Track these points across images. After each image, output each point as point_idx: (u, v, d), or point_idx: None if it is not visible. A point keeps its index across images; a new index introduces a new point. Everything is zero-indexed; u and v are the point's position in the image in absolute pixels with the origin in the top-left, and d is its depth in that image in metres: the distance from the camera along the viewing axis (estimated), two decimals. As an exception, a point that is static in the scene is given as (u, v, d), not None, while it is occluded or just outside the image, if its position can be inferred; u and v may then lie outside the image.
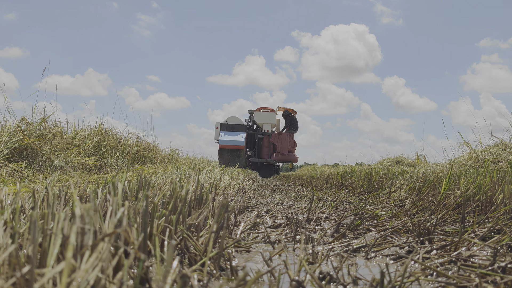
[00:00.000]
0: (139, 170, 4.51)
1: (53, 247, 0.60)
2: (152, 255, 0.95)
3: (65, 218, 0.63)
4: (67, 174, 4.25)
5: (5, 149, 4.07)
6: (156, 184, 2.60)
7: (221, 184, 3.77)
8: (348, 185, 5.16)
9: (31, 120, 5.54)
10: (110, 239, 0.61)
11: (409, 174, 3.92)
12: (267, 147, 18.58)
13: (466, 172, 2.97)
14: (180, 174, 3.75)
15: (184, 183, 2.56)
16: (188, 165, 9.39)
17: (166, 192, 1.57)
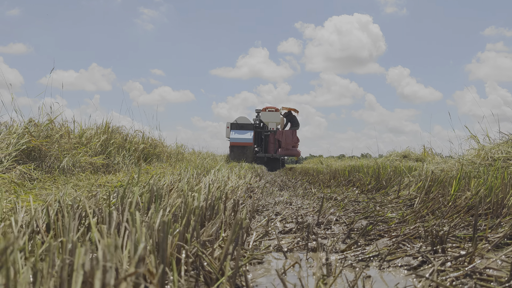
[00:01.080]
0: (146, 170, 4.52)
1: (75, 285, 0.60)
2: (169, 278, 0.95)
3: (85, 252, 0.63)
4: (76, 175, 4.27)
5: (13, 151, 4.09)
6: (166, 190, 2.60)
7: (229, 183, 3.77)
8: (356, 182, 5.15)
9: (38, 121, 5.57)
10: (132, 278, 0.61)
11: (418, 171, 3.91)
12: (272, 143, 20.81)
13: (476, 171, 2.96)
14: (188, 175, 3.75)
15: (193, 188, 2.56)
16: (194, 161, 9.42)
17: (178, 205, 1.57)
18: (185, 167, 4.27)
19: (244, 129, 19.98)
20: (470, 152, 3.65)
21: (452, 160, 4.43)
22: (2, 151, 4.09)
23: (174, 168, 5.20)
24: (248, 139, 19.48)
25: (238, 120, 20.14)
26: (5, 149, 4.11)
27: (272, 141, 20.82)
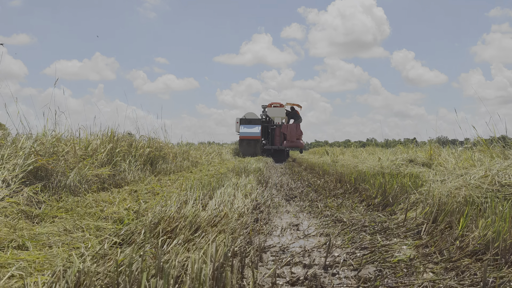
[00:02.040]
0: (152, 188, 4.51)
1: None
2: None
3: None
4: (82, 195, 4.28)
5: (20, 173, 4.10)
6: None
7: (234, 204, 3.77)
8: (362, 191, 5.14)
9: (45, 132, 5.59)
10: None
11: (424, 188, 3.88)
12: (278, 136, 22.97)
13: (483, 198, 2.93)
14: (195, 196, 3.75)
15: (199, 217, 2.56)
16: (200, 161, 9.42)
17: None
18: (191, 186, 4.26)
19: (252, 123, 22.18)
20: (477, 171, 3.61)
21: (458, 171, 4.40)
22: (9, 172, 4.10)
23: (180, 180, 5.19)
24: (256, 133, 21.61)
25: (247, 116, 22.43)
26: (12, 171, 4.13)
27: (278, 134, 22.90)
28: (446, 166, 7.96)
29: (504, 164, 3.43)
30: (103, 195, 4.39)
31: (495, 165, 3.51)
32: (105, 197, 4.16)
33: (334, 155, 24.44)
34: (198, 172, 8.33)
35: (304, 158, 22.26)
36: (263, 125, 22.90)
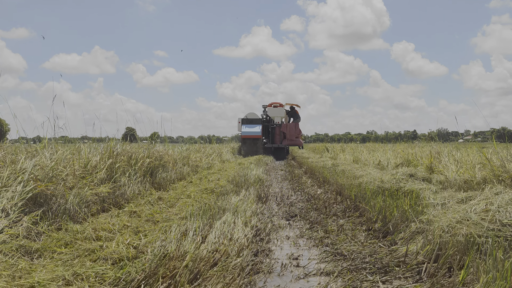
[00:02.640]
0: (151, 214, 4.48)
1: None
2: None
3: None
4: (82, 223, 4.26)
5: (19, 201, 4.09)
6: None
7: (234, 234, 3.76)
8: (362, 212, 5.13)
9: (43, 143, 5.57)
10: None
11: (425, 217, 3.86)
12: (278, 135, 24.24)
13: (484, 240, 2.91)
14: (195, 226, 3.74)
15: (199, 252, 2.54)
16: (202, 176, 9.39)
17: None
18: (191, 212, 4.24)
19: (253, 123, 23.24)
20: (478, 203, 3.59)
21: (461, 207, 4.39)
22: (8, 201, 4.09)
23: (180, 203, 5.16)
24: (257, 132, 22.75)
25: (248, 116, 23.49)
26: (10, 198, 4.11)
27: (278, 133, 24.17)
28: (447, 175, 7.95)
29: (506, 198, 3.41)
30: (102, 221, 4.38)
31: (497, 198, 3.49)
32: (104, 225, 4.14)
33: (334, 152, 24.45)
34: (197, 181, 8.31)
35: (304, 156, 22.20)
36: (263, 124, 24.01)
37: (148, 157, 8.09)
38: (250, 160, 16.61)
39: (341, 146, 29.99)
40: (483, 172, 6.78)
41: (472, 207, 3.54)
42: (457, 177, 7.30)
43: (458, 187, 6.54)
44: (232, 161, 17.01)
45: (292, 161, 22.14)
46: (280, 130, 24.13)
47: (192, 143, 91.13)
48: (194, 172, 10.72)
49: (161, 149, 9.73)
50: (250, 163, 14.18)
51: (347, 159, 17.52)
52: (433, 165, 8.81)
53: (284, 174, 12.31)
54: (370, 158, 15.13)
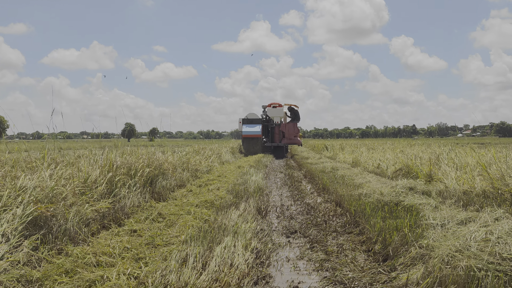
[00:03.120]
0: (148, 234, 4.47)
1: None
2: None
3: None
4: (82, 245, 4.26)
5: (19, 225, 4.09)
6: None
7: (234, 260, 3.76)
8: (362, 230, 5.14)
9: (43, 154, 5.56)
10: None
11: (425, 242, 3.87)
12: (277, 134, 25.55)
13: (484, 273, 2.92)
14: (195, 252, 3.74)
15: None
16: (202, 183, 9.38)
17: None
18: (191, 236, 4.24)
19: (253, 123, 24.46)
20: (477, 230, 3.59)
21: (462, 232, 4.39)
22: (8, 224, 4.09)
23: (180, 222, 5.15)
24: (257, 132, 23.95)
25: (248, 116, 24.67)
26: (11, 222, 4.11)
27: (277, 133, 25.46)
28: (446, 183, 7.96)
29: (505, 228, 3.41)
30: (103, 242, 4.38)
31: (496, 227, 3.50)
32: (104, 247, 4.15)
33: (333, 151, 24.48)
34: (197, 190, 8.31)
35: (303, 156, 22.23)
36: (263, 124, 25.31)
37: (148, 166, 8.09)
38: (250, 161, 16.61)
39: (340, 144, 30.04)
40: (483, 182, 6.80)
41: (472, 234, 3.54)
42: (456, 186, 7.31)
43: (457, 198, 6.54)
44: (231, 163, 17.01)
45: (291, 160, 22.16)
46: (280, 130, 25.38)
47: (191, 138, 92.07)
48: (193, 177, 10.72)
49: (161, 157, 9.73)
50: (250, 166, 14.19)
51: (347, 160, 17.55)
52: (433, 172, 8.83)
53: (283, 178, 12.31)
54: (369, 160, 15.16)
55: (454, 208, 6.10)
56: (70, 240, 4.40)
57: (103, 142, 44.89)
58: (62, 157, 7.86)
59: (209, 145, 26.29)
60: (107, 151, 9.89)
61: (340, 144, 29.65)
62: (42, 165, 6.65)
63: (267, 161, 18.79)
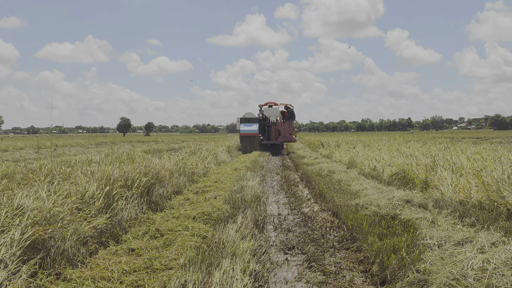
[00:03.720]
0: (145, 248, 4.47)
1: None
2: None
3: None
4: (80, 261, 4.26)
5: (17, 250, 4.08)
6: None
7: (234, 286, 3.78)
8: (360, 246, 5.17)
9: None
10: None
11: (422, 266, 3.90)
12: (274, 132, 27.00)
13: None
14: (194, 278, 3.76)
15: None
16: (199, 189, 9.37)
17: None
18: (190, 259, 4.26)
19: (250, 122, 25.63)
20: (475, 257, 3.62)
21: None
22: (6, 249, 4.08)
23: (178, 241, 5.16)
24: (254, 130, 25.17)
25: (246, 115, 25.85)
26: (9, 246, 4.10)
27: (273, 131, 26.90)
28: (442, 190, 8.00)
29: (502, 257, 3.44)
30: (101, 264, 4.39)
31: (493, 255, 3.52)
32: (103, 271, 4.15)
33: (329, 149, 24.53)
34: (194, 198, 8.32)
35: (299, 154, 22.27)
36: (260, 123, 26.57)
37: (145, 175, 8.08)
38: (246, 162, 16.64)
39: (336, 141, 30.14)
40: (479, 193, 6.83)
41: (469, 261, 3.57)
42: (452, 195, 7.36)
43: (453, 209, 6.59)
44: (228, 163, 17.03)
45: (287, 159, 22.20)
46: (275, 128, 26.84)
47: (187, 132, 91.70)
48: (190, 182, 10.73)
49: (158, 164, 9.72)
50: (246, 168, 14.21)
51: (343, 159, 17.59)
52: (429, 179, 8.87)
53: (280, 181, 12.33)
54: (365, 160, 15.19)
55: (450, 219, 6.15)
56: (68, 262, 4.40)
57: (99, 138, 45.96)
58: (59, 166, 7.85)
59: (205, 143, 26.28)
60: (104, 159, 9.88)
61: (336, 141, 29.76)
62: (38, 178, 6.64)
63: (264, 160, 18.81)
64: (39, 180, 6.53)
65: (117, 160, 10.96)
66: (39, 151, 27.62)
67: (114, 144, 46.51)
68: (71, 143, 42.88)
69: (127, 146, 36.52)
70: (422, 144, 25.66)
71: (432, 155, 14.40)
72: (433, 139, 36.36)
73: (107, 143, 49.03)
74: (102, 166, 7.32)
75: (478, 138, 52.05)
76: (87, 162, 9.74)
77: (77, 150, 29.38)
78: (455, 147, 21.14)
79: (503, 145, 29.42)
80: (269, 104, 27.07)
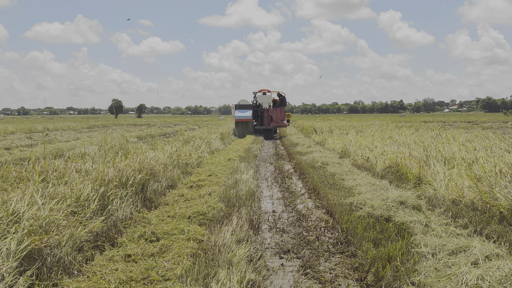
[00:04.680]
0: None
1: None
2: None
3: None
4: (77, 270, 4.27)
5: (14, 262, 4.08)
6: None
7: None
8: (355, 251, 5.22)
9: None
10: None
11: (417, 279, 3.96)
12: (266, 118, 28.99)
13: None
14: None
15: None
16: (193, 183, 9.37)
17: None
18: (187, 269, 4.28)
19: (245, 108, 27.67)
20: (469, 271, 3.67)
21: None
22: (2, 260, 4.07)
23: (175, 248, 5.17)
24: (248, 116, 27.18)
25: (240, 102, 27.93)
26: (5, 258, 4.09)
27: (266, 117, 28.88)
28: (435, 186, 8.08)
29: (496, 274, 3.49)
30: (98, 271, 4.40)
31: (488, 270, 3.58)
32: (100, 282, 4.17)
33: (322, 135, 24.58)
34: (188, 193, 8.33)
35: (292, 141, 22.31)
36: (253, 109, 28.62)
37: (140, 171, 8.06)
38: (240, 151, 16.65)
39: (329, 127, 30.22)
40: (472, 193, 6.90)
41: (463, 276, 3.63)
42: (445, 193, 7.43)
43: (446, 208, 6.66)
44: (221, 151, 17.04)
45: (280, 146, 22.24)
46: (268, 114, 28.74)
47: (179, 114, 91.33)
48: (184, 174, 10.74)
49: (152, 157, 9.70)
50: (240, 158, 14.22)
51: (336, 147, 17.63)
52: (422, 174, 8.94)
53: (273, 172, 12.35)
54: (358, 150, 15.23)
55: (443, 219, 6.23)
56: (64, 271, 4.41)
57: (91, 121, 45.90)
58: (52, 162, 7.80)
59: (198, 128, 26.20)
60: (97, 152, 9.83)
61: (329, 127, 29.86)
62: (32, 178, 6.60)
63: (257, 148, 18.81)
64: (33, 180, 6.50)
65: (110, 152, 10.92)
66: (31, 136, 27.43)
67: (106, 127, 46.32)
68: (62, 127, 42.59)
69: (119, 130, 36.39)
70: (414, 130, 25.81)
71: (424, 145, 14.49)
72: (425, 124, 36.57)
73: (99, 126, 48.79)
74: (96, 165, 7.28)
75: (469, 122, 52.39)
76: (81, 156, 9.70)
77: (69, 135, 29.21)
78: (447, 133, 21.33)
79: (494, 132, 29.65)
80: (263, 91, 29.08)
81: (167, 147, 13.03)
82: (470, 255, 4.09)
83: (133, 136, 27.22)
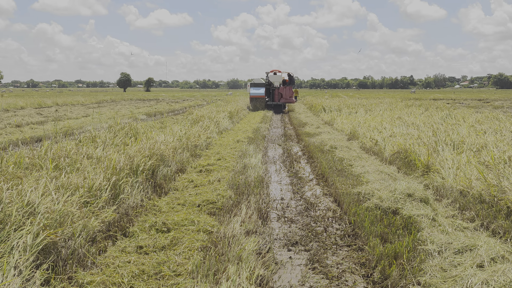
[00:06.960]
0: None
1: None
2: None
3: None
4: (91, 262, 4.40)
5: (30, 256, 4.20)
6: None
7: None
8: (362, 245, 5.30)
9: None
10: None
11: (423, 279, 4.04)
12: (277, 95, 33.10)
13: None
14: None
15: None
16: (202, 168, 9.46)
17: None
18: (198, 264, 4.39)
19: (258, 86, 32.32)
20: (475, 273, 3.74)
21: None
22: (20, 254, 4.20)
23: (184, 235, 5.29)
24: (261, 93, 32.03)
25: (255, 81, 32.72)
26: (22, 253, 4.22)
27: (277, 94, 32.98)
28: (443, 175, 8.11)
29: (501, 280, 3.56)
30: (111, 263, 4.52)
31: (493, 276, 3.64)
32: (113, 275, 4.29)
33: (331, 114, 24.53)
34: (198, 179, 8.44)
35: (301, 120, 22.31)
36: (266, 87, 32.81)
37: (150, 158, 8.16)
38: (248, 131, 16.71)
39: (338, 105, 30.10)
40: (480, 185, 6.92)
41: (468, 279, 3.70)
42: (453, 183, 7.46)
43: (454, 199, 6.71)
44: (230, 131, 17.12)
45: (288, 125, 22.24)
46: (278, 91, 32.78)
47: (188, 88, 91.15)
48: (193, 157, 10.84)
49: (162, 141, 9.79)
50: (248, 139, 14.29)
51: (344, 128, 17.61)
52: (430, 162, 8.95)
53: (282, 156, 12.41)
54: (367, 132, 15.21)
55: (450, 211, 6.28)
56: (79, 264, 4.54)
57: (99, 95, 46.02)
58: (63, 146, 7.91)
59: (207, 105, 26.18)
60: (107, 134, 9.93)
61: (338, 106, 29.77)
62: (45, 166, 6.71)
63: (265, 128, 18.85)
64: (46, 168, 6.61)
65: (120, 133, 11.03)
66: (41, 111, 27.61)
67: (114, 102, 46.45)
68: (71, 101, 42.80)
69: (128, 106, 36.53)
70: (424, 110, 25.65)
71: (433, 129, 14.44)
72: (435, 102, 36.24)
73: (107, 101, 48.95)
74: (107, 151, 7.37)
75: (480, 100, 51.86)
76: (91, 139, 9.81)
77: (79, 111, 29.37)
78: (456, 114, 21.19)
79: (505, 112, 29.26)
80: (274, 71, 32.89)
81: (176, 128, 13.12)
82: (476, 256, 4.15)
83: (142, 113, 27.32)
